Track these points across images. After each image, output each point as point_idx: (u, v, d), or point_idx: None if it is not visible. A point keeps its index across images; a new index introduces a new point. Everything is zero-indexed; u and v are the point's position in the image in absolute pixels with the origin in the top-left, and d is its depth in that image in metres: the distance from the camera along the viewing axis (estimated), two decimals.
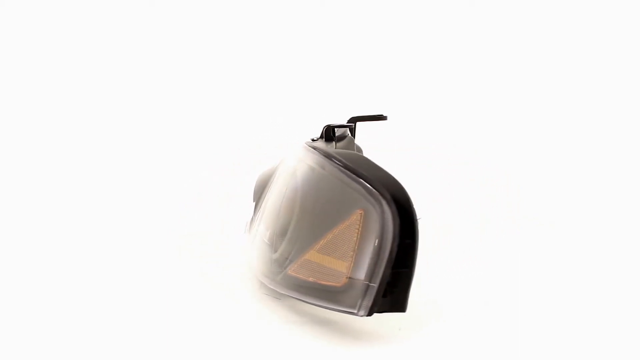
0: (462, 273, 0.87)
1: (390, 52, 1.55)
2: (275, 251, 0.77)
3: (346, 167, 0.69)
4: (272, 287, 0.76)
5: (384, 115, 0.98)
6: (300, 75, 1.54)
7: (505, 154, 1.48)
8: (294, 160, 0.83)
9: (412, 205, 0.64)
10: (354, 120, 0.98)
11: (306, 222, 0.74)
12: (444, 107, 1.52)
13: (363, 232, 0.65)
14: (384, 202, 0.64)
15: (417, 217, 0.63)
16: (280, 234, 0.77)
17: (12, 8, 1.48)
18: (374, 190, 0.65)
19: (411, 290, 0.63)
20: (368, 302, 0.63)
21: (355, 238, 0.65)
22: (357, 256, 0.65)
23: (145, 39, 1.54)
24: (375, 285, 0.63)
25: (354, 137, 1.01)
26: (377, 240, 0.63)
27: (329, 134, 0.81)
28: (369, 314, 0.63)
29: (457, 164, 1.42)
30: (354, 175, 0.67)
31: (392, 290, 0.64)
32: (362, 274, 0.64)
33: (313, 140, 0.85)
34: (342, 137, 0.89)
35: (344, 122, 0.96)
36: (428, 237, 0.82)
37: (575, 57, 1.54)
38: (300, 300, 0.71)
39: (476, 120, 1.50)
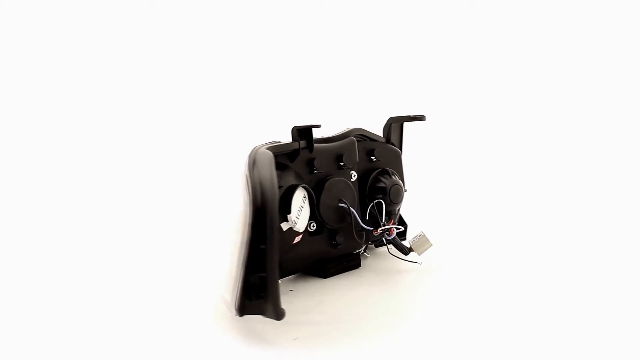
0: (462, 273, 0.86)
1: (390, 53, 1.54)
2: None
3: (248, 167, 0.69)
4: None
5: (423, 115, 0.97)
6: (300, 76, 1.54)
7: (505, 154, 1.47)
8: None
9: (272, 212, 0.62)
10: (393, 120, 0.95)
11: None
12: (443, 108, 1.51)
13: (243, 231, 0.65)
14: (250, 205, 0.64)
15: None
16: None
17: (12, 8, 1.49)
18: (249, 192, 0.65)
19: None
20: (235, 303, 0.63)
21: (241, 236, 0.65)
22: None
23: (144, 41, 1.54)
24: (237, 287, 0.63)
25: (401, 137, 0.99)
26: (243, 242, 0.63)
27: (293, 134, 0.80)
28: (240, 315, 0.63)
29: (456, 164, 1.42)
30: (246, 176, 0.68)
31: (259, 295, 0.62)
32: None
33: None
34: (343, 137, 0.87)
35: (371, 123, 0.95)
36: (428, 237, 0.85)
37: (574, 58, 1.54)
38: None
39: (476, 120, 1.50)
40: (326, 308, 0.73)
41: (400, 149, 1.00)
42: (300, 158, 0.80)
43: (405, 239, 0.97)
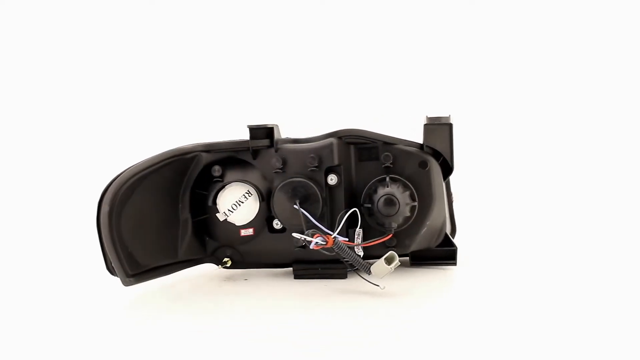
0: (462, 273, 0.86)
1: (391, 53, 1.51)
2: None
3: None
4: None
5: (447, 117, 0.90)
6: (302, 76, 1.51)
7: (505, 154, 1.47)
8: None
9: (104, 202, 0.76)
10: (426, 122, 0.89)
11: None
12: (442, 107, 1.30)
13: None
14: None
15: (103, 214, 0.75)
16: None
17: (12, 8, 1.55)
18: None
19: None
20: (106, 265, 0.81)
21: None
22: None
23: (141, 42, 1.56)
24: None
25: (450, 144, 0.89)
26: None
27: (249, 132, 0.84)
28: (112, 274, 0.80)
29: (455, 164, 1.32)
30: None
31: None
32: None
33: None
34: (323, 137, 0.85)
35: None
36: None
37: (574, 57, 1.50)
38: None
39: (476, 120, 1.43)
40: (232, 301, 0.76)
41: (449, 157, 0.88)
42: (263, 157, 0.83)
43: (455, 263, 0.89)
